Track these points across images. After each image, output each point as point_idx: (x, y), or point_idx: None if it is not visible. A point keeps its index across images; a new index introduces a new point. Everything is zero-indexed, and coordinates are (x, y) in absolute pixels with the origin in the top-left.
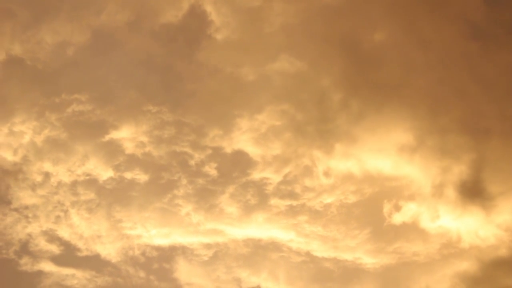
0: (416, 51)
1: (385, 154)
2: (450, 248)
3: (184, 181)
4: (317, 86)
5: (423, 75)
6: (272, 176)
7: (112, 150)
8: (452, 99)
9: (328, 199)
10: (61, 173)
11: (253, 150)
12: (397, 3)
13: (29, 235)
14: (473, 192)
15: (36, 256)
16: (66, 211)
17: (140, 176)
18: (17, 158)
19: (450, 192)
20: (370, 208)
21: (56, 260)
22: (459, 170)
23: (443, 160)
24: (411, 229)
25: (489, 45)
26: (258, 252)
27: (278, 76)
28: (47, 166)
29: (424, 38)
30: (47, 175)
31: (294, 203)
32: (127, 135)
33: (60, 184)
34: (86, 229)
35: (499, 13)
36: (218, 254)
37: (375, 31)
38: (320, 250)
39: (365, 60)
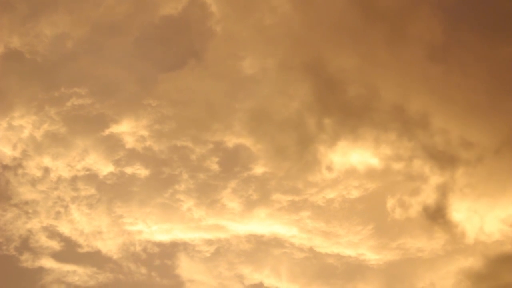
0: (378, 74)
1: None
2: (455, 244)
3: (185, 176)
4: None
5: (388, 99)
6: (274, 171)
7: (112, 145)
8: (417, 123)
9: (330, 194)
10: (61, 168)
11: (254, 144)
12: (358, 27)
13: (30, 231)
14: (437, 216)
15: (36, 252)
16: (66, 207)
17: (141, 171)
18: (16, 153)
19: (415, 215)
20: (373, 203)
21: (57, 256)
22: (424, 194)
23: (408, 184)
24: (415, 225)
25: (451, 67)
26: (261, 248)
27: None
28: (47, 161)
29: (385, 61)
30: (46, 170)
31: (296, 198)
32: (127, 129)
33: (60, 179)
34: (86, 225)
35: (458, 35)
36: (220, 250)
37: (338, 55)
38: (323, 246)
39: (332, 84)
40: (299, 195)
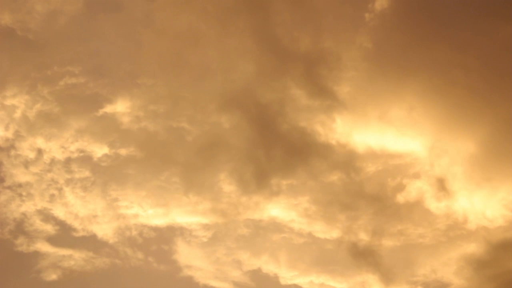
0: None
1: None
2: (457, 230)
3: (181, 158)
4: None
5: (317, 137)
6: (273, 153)
7: (106, 125)
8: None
9: (330, 177)
10: (54, 149)
11: (252, 126)
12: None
13: (24, 214)
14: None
15: (31, 236)
16: (60, 189)
17: (136, 153)
18: (9, 134)
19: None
20: (374, 187)
21: (52, 240)
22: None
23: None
24: (416, 210)
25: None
26: (259, 233)
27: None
28: (40, 142)
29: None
30: (39, 151)
31: (295, 182)
32: (122, 109)
33: (53, 161)
34: (81, 208)
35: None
36: (218, 235)
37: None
38: (322, 231)
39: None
40: (298, 178)
